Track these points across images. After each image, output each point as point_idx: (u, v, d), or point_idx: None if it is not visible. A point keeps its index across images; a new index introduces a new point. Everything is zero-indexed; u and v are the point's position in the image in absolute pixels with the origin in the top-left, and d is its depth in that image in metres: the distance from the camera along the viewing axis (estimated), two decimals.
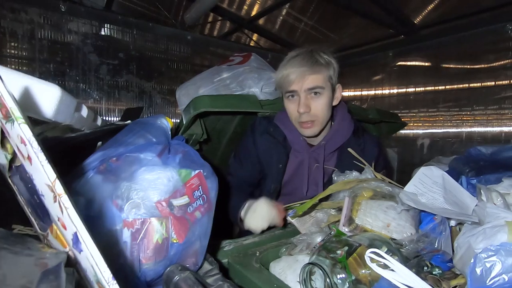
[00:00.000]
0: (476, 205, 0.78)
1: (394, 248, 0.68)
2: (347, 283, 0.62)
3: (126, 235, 0.51)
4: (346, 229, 0.83)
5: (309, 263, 0.66)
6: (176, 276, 0.49)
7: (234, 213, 0.97)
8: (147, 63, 1.63)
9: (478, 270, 0.35)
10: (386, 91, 2.09)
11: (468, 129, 1.68)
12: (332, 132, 1.07)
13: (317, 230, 0.87)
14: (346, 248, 0.70)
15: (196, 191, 0.60)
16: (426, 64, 1.86)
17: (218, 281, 0.56)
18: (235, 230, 1.31)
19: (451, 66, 1.73)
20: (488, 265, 0.35)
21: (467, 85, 1.67)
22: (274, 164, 1.07)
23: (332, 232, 0.78)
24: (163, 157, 0.63)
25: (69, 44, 1.37)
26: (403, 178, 1.03)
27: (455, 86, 1.72)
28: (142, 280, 0.50)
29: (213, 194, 0.65)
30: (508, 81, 1.53)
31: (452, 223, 0.77)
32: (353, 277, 0.62)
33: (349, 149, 1.00)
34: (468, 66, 1.67)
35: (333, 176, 0.95)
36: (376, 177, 0.94)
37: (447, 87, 1.75)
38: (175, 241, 0.53)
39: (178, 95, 1.30)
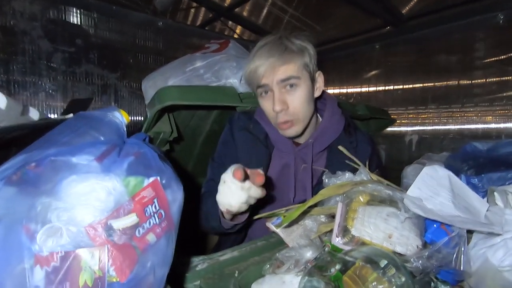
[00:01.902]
0: (488, 210, 0.68)
1: (399, 263, 0.56)
2: None
3: (38, 278, 0.35)
4: (341, 241, 0.70)
5: None
6: None
7: (212, 214, 0.82)
8: (111, 51, 1.42)
9: None
10: (373, 88, 2.00)
11: (458, 126, 1.61)
12: (321, 129, 0.94)
13: (306, 243, 0.74)
14: (340, 265, 0.59)
15: (150, 206, 0.45)
16: (414, 57, 1.78)
17: None
18: (210, 243, 1.17)
19: (440, 60, 1.66)
20: None
21: (456, 82, 1.61)
22: (253, 167, 0.92)
23: (326, 249, 0.65)
24: (106, 161, 0.47)
25: (12, 27, 1.15)
26: (391, 176, 0.92)
27: (444, 83, 1.65)
28: None
29: (175, 209, 0.50)
30: (498, 78, 1.47)
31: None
32: None
33: (340, 147, 0.87)
34: (457, 61, 1.60)
35: (323, 178, 0.82)
36: (372, 178, 0.82)
37: (436, 84, 1.69)
38: (114, 280, 0.38)
39: (144, 87, 1.12)
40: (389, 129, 1.84)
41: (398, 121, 1.83)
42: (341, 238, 0.71)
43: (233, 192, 0.66)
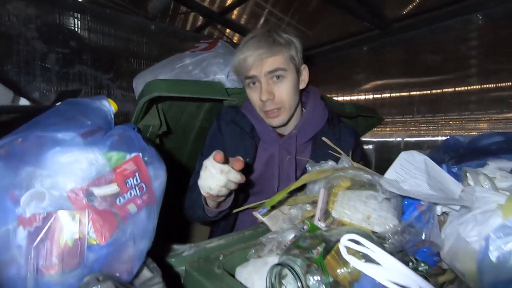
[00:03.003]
0: (462, 191, 0.70)
1: (377, 242, 0.58)
2: (323, 286, 0.51)
3: (21, 237, 0.37)
4: (322, 224, 0.73)
5: (277, 264, 0.55)
6: None
7: (197, 202, 0.85)
8: (104, 53, 1.46)
9: (493, 257, 0.26)
10: (362, 97, 2.05)
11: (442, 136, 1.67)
12: (304, 120, 0.97)
13: (289, 226, 0.76)
14: (323, 245, 0.60)
15: (131, 179, 0.47)
16: (401, 57, 1.84)
17: None
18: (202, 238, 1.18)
19: (424, 59, 1.72)
20: (506, 247, 0.25)
21: (440, 90, 1.67)
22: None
23: (305, 227, 0.67)
24: (90, 138, 0.49)
25: (7, 28, 1.18)
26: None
27: (429, 91, 1.71)
28: None
29: (157, 184, 0.53)
30: (492, 84, 1.52)
31: (438, 211, 0.69)
32: (331, 279, 0.52)
33: (324, 138, 0.91)
34: (441, 61, 1.66)
35: (306, 166, 0.85)
36: (353, 166, 0.85)
37: (421, 92, 1.75)
38: (94, 243, 0.40)
39: (135, 85, 1.16)
40: (379, 133, 1.88)
41: (386, 129, 1.88)
42: (323, 222, 0.74)
43: (213, 175, 0.69)
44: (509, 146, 0.96)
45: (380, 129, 1.92)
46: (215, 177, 0.68)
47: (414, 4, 1.70)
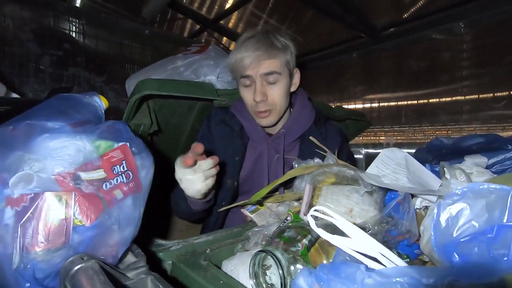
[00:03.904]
0: (440, 185, 0.73)
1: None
2: None
3: (8, 216, 0.38)
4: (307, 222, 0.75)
5: (259, 251, 0.56)
6: (76, 266, 0.38)
7: (180, 196, 0.85)
8: (98, 56, 1.49)
9: (442, 220, 0.28)
10: (352, 105, 2.10)
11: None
12: (292, 120, 1.00)
13: (275, 220, 0.78)
14: (308, 237, 0.62)
15: (118, 166, 0.49)
16: (390, 67, 1.90)
17: (142, 274, 0.45)
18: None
19: (410, 65, 1.78)
20: (454, 211, 0.28)
21: (426, 100, 1.74)
22: (229, 157, 0.97)
23: (289, 218, 0.69)
24: (79, 128, 0.51)
25: (2, 29, 1.20)
26: None
27: (416, 102, 1.78)
28: (28, 275, 0.38)
29: (143, 174, 0.54)
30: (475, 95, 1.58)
31: (417, 204, 0.71)
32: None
33: (311, 137, 0.94)
34: (426, 69, 1.72)
35: (293, 164, 0.87)
36: (338, 163, 0.87)
37: (408, 102, 1.81)
38: (80, 224, 0.41)
39: (127, 86, 1.18)
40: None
41: (375, 138, 1.93)
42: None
43: (191, 180, 0.71)
44: (488, 146, 1.00)
45: (369, 138, 1.97)
46: (194, 179, 0.70)
47: (400, 13, 1.77)
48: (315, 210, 0.41)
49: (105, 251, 0.45)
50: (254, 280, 0.56)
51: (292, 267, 0.53)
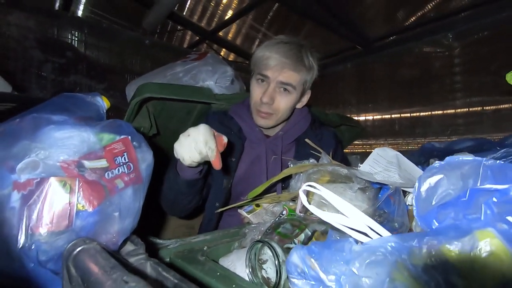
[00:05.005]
0: None
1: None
2: None
3: (14, 199, 0.40)
4: (302, 216, 0.77)
5: (256, 241, 0.58)
6: (78, 248, 0.39)
7: (171, 173, 0.86)
8: (99, 64, 1.53)
9: (423, 192, 0.31)
10: (347, 101, 2.15)
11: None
12: (290, 123, 1.04)
13: (271, 218, 0.80)
14: (305, 232, 0.63)
15: (119, 157, 0.51)
16: (383, 76, 1.96)
17: (141, 260, 0.46)
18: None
19: (402, 73, 1.84)
20: (432, 182, 0.30)
21: (418, 114, 1.79)
22: (227, 158, 0.99)
23: (284, 212, 0.71)
24: (83, 122, 0.54)
25: (7, 37, 1.24)
26: None
27: (409, 115, 1.84)
28: (32, 256, 0.39)
29: (144, 166, 0.56)
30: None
31: (409, 201, 0.74)
32: None
33: (307, 140, 0.97)
34: (417, 77, 1.78)
35: (289, 164, 0.89)
36: (332, 163, 0.90)
37: (402, 115, 1.87)
38: (83, 209, 0.43)
39: (127, 92, 1.21)
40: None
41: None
42: (303, 213, 0.77)
43: (190, 143, 0.70)
44: (478, 149, 1.04)
45: (365, 150, 2.02)
46: (192, 145, 0.69)
47: (392, 25, 1.85)
48: (307, 185, 0.43)
49: (106, 238, 0.46)
50: (250, 270, 0.58)
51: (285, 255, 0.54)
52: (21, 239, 0.38)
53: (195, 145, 0.69)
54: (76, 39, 1.47)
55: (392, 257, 0.27)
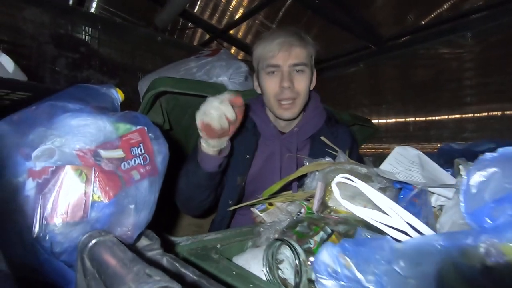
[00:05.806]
0: (456, 182, 0.72)
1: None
2: None
3: (29, 187, 0.39)
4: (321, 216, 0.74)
5: (276, 239, 0.56)
6: (94, 239, 0.37)
7: (190, 165, 0.86)
8: (111, 59, 1.53)
9: (472, 186, 0.28)
10: (359, 102, 2.11)
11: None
12: (305, 119, 1.01)
13: (286, 217, 0.77)
14: (321, 234, 0.61)
15: (135, 148, 0.50)
16: (396, 76, 1.92)
17: (157, 255, 0.44)
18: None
19: (416, 74, 1.80)
20: (484, 176, 0.27)
21: (434, 118, 1.75)
22: (241, 154, 0.97)
23: (302, 210, 0.68)
24: (99, 111, 0.52)
25: (23, 31, 1.25)
26: None
27: (424, 118, 1.79)
28: (46, 246, 0.37)
29: (159, 159, 0.55)
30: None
31: (433, 202, 0.70)
32: None
33: (322, 138, 0.94)
34: (431, 79, 1.74)
35: (304, 161, 0.87)
36: (349, 161, 0.87)
37: (416, 118, 1.82)
38: (98, 199, 0.41)
39: (140, 87, 1.20)
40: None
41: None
42: (320, 213, 0.75)
43: (212, 104, 0.75)
44: None
45: (376, 151, 1.97)
46: (214, 104, 0.74)
47: (406, 24, 1.81)
48: (342, 177, 0.40)
49: (120, 231, 0.45)
50: (268, 270, 0.55)
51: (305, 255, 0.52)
52: (36, 229, 0.37)
53: (216, 97, 0.74)
54: (90, 35, 1.47)
55: (442, 256, 0.25)
